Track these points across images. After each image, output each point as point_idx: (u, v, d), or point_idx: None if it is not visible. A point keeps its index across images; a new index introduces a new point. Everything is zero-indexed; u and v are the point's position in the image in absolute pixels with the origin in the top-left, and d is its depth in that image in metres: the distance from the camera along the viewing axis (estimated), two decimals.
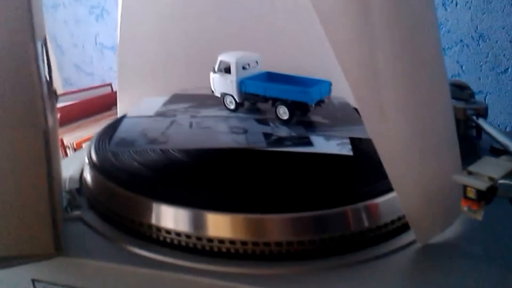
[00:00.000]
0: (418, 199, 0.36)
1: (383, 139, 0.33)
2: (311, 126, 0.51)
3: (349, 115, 0.55)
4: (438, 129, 0.37)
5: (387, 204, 0.38)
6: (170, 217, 0.37)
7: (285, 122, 0.51)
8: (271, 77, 0.55)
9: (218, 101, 0.57)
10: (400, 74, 0.33)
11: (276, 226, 0.36)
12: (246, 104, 0.55)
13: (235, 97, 0.53)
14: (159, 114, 0.54)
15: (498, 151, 0.53)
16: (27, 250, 0.35)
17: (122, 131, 0.48)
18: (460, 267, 0.35)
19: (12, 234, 0.34)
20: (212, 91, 0.56)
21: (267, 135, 0.48)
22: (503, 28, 0.65)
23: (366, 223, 0.37)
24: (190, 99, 0.60)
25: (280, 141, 0.47)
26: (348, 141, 0.47)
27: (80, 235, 0.39)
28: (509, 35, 0.65)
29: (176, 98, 0.61)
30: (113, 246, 0.37)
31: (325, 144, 0.46)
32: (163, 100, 0.60)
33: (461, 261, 0.35)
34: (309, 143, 0.46)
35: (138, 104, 0.58)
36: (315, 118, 0.53)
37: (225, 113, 0.55)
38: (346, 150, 0.45)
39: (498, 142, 0.45)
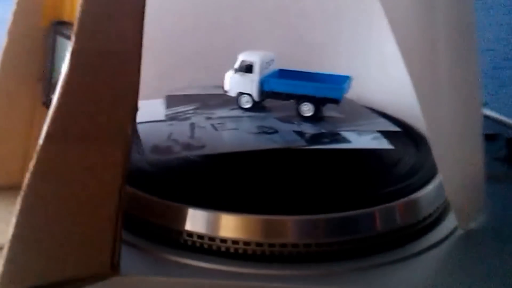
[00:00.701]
0: (459, 180, 0.38)
1: (434, 117, 0.35)
2: (332, 122, 0.51)
3: (358, 109, 0.56)
4: (475, 114, 0.39)
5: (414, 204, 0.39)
6: (215, 224, 0.36)
7: (308, 119, 0.51)
8: (286, 74, 0.54)
9: (221, 101, 0.55)
10: (456, 57, 0.36)
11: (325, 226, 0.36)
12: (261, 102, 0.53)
13: (254, 97, 0.52)
14: (171, 118, 0.51)
15: (488, 136, 0.56)
16: (84, 271, 0.31)
17: (148, 138, 0.45)
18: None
19: (70, 254, 0.30)
20: (226, 91, 0.54)
21: (299, 133, 0.47)
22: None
23: (398, 222, 0.38)
24: (190, 100, 0.57)
25: (317, 138, 0.46)
26: (379, 135, 0.47)
27: None
28: None
29: (174, 100, 0.57)
30: (158, 259, 0.35)
31: (360, 140, 0.46)
32: (159, 103, 0.56)
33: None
34: (345, 140, 0.46)
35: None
36: (330, 113, 0.53)
37: (238, 112, 0.53)
38: (385, 144, 0.45)
39: None
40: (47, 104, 0.39)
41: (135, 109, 0.30)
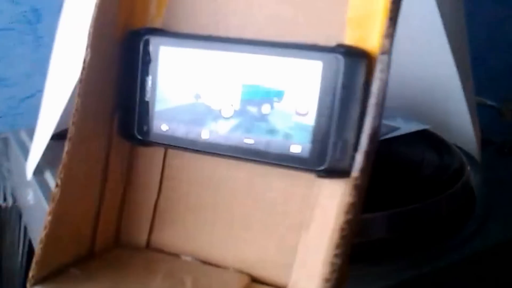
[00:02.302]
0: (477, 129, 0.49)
1: (465, 82, 0.46)
2: None
3: None
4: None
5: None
6: None
7: None
8: None
9: None
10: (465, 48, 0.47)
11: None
12: None
13: None
14: None
15: None
16: None
17: None
18: None
19: None
20: None
21: None
22: None
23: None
24: None
25: None
26: (406, 119, 0.51)
27: None
28: None
29: None
30: None
31: (400, 124, 0.49)
32: None
33: None
34: (394, 127, 0.48)
35: None
36: None
37: None
38: (421, 125, 0.49)
39: None
40: (142, 142, 0.29)
41: None
